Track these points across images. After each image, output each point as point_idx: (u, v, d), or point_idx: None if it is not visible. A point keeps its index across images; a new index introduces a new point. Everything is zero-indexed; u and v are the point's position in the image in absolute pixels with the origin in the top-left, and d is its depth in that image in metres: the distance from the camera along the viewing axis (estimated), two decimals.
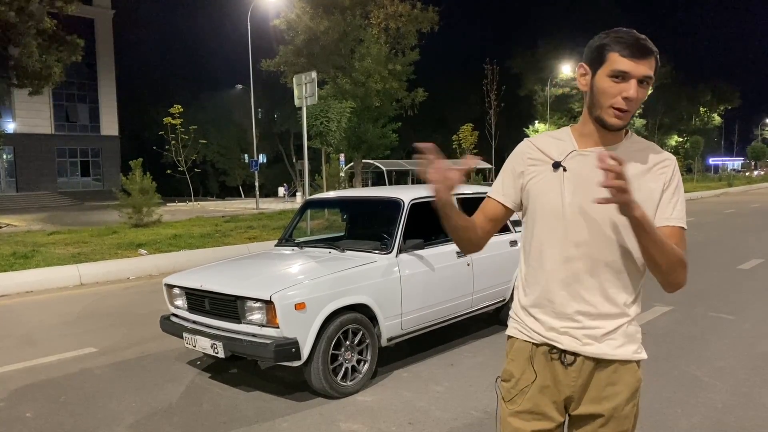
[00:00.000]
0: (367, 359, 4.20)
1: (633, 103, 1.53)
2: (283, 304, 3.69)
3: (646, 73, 1.51)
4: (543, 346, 1.68)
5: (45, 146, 42.53)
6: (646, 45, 1.52)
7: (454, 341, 5.28)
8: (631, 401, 1.67)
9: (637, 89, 1.51)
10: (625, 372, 1.65)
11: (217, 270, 4.58)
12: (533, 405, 1.68)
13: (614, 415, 1.63)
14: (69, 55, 26.24)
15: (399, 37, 24.44)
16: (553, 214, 1.63)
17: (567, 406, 1.69)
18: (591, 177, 1.52)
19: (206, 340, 4.03)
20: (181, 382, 4.47)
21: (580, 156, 1.63)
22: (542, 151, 1.69)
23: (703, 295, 6.97)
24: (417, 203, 4.78)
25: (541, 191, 1.66)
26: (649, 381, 4.20)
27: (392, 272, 4.37)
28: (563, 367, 1.64)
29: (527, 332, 1.72)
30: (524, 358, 1.72)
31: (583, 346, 1.62)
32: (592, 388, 1.64)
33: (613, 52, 1.52)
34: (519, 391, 1.72)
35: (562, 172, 1.63)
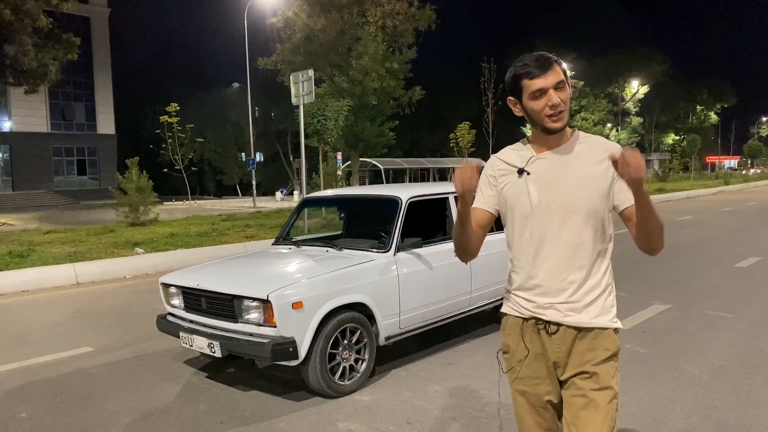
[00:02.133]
0: (365, 358, 4.18)
1: (560, 105, 1.82)
2: (280, 303, 3.67)
3: (555, 80, 1.81)
4: (531, 320, 1.96)
5: (41, 145, 42.39)
6: (545, 59, 1.83)
7: (453, 340, 5.26)
8: (610, 361, 1.92)
9: (556, 94, 1.81)
10: (603, 338, 1.92)
11: (214, 269, 4.55)
12: (531, 371, 1.98)
13: (596, 371, 1.88)
14: (65, 54, 26.14)
15: (396, 35, 24.36)
16: (524, 212, 1.93)
17: (556, 370, 1.96)
18: (550, 176, 1.89)
19: (203, 339, 4.00)
20: (178, 381, 4.45)
21: (539, 160, 1.93)
22: (507, 163, 1.99)
23: (701, 294, 6.96)
24: (415, 202, 4.75)
25: (512, 195, 1.96)
26: (647, 379, 4.19)
27: (390, 271, 4.35)
28: (548, 336, 1.93)
29: (517, 309, 2.00)
30: (517, 332, 2.00)
31: (565, 317, 1.91)
32: (575, 354, 1.91)
33: (524, 79, 1.84)
34: (517, 361, 2.00)
35: (526, 176, 1.93)
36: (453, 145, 32.18)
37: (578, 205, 1.87)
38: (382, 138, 23.51)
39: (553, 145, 1.92)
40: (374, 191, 5.12)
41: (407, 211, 4.65)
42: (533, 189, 1.91)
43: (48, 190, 41.93)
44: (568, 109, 1.86)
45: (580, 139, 1.94)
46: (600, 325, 1.91)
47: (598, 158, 1.88)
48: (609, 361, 1.92)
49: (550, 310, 1.92)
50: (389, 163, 41.20)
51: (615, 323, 1.95)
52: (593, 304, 1.91)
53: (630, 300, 6.66)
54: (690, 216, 17.77)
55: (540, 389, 1.98)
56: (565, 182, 1.89)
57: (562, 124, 1.85)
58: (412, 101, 24.16)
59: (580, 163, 1.88)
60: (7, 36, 23.91)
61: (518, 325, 2.00)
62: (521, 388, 2.01)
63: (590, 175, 1.87)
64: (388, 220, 4.59)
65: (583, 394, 1.90)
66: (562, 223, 1.89)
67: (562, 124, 1.85)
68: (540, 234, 1.92)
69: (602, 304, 1.93)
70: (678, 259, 9.66)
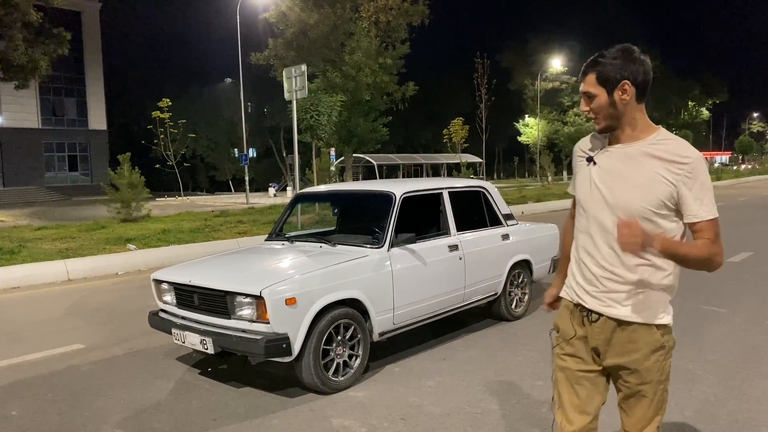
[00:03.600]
0: (358, 354, 4.16)
1: (591, 112, 1.94)
2: (273, 299, 3.64)
3: (584, 90, 1.93)
4: (578, 306, 2.06)
5: (32, 141, 42.04)
6: (587, 64, 1.93)
7: (447, 335, 5.25)
8: (652, 357, 1.96)
9: (585, 102, 1.95)
10: (644, 332, 1.95)
11: (207, 265, 4.51)
12: (574, 350, 2.08)
13: (637, 367, 1.95)
14: (55, 49, 25.90)
15: (389, 30, 24.31)
16: (584, 199, 2.04)
17: (597, 355, 2.04)
18: (611, 170, 1.95)
19: (195, 336, 3.97)
20: (170, 378, 4.41)
21: (608, 152, 1.98)
22: (583, 150, 2.09)
23: (695, 288, 6.97)
24: (409, 197, 4.73)
25: (579, 181, 2.08)
26: None
27: (384, 267, 4.32)
28: (590, 324, 2.01)
29: (569, 293, 2.12)
30: (567, 314, 2.12)
31: (606, 307, 1.97)
32: (615, 344, 1.97)
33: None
34: (564, 340, 2.12)
35: (592, 165, 2.01)
36: (446, 141, 32.23)
37: (629, 203, 1.90)
38: (375, 134, 23.47)
39: (623, 140, 1.95)
40: (368, 186, 5.10)
41: (401, 207, 4.63)
42: (594, 177, 2.00)
43: (39, 186, 41.62)
44: (608, 114, 1.91)
45: (659, 138, 1.91)
46: (640, 320, 1.95)
47: (666, 165, 1.86)
48: (654, 355, 1.96)
49: (592, 299, 2.01)
50: (383, 159, 41.22)
51: (659, 319, 1.97)
52: (634, 299, 1.93)
53: None
54: None
55: (577, 366, 2.07)
56: (623, 179, 1.92)
57: (599, 127, 1.96)
58: (406, 97, 24.13)
59: (644, 164, 1.88)
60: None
61: (568, 308, 2.12)
62: (562, 365, 2.11)
63: (650, 178, 1.87)
64: (382, 215, 4.57)
65: (630, 390, 2.01)
66: (612, 218, 1.92)
67: (599, 127, 1.96)
68: (593, 224, 2.01)
69: (645, 300, 1.94)
70: None
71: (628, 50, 1.88)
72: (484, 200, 5.55)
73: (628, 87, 1.86)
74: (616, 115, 1.90)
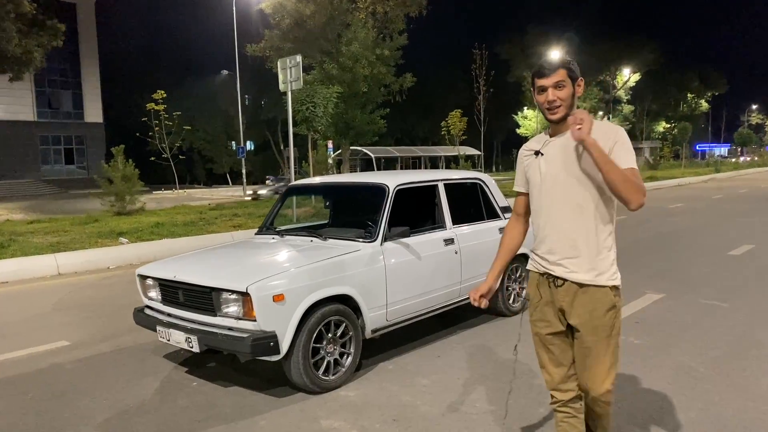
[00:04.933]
0: (350, 352, 4.02)
1: (555, 101, 2.25)
2: (260, 296, 3.49)
3: (556, 80, 2.24)
4: (544, 275, 2.41)
5: (27, 134, 41.81)
6: (552, 63, 2.27)
7: (442, 331, 5.12)
8: (607, 315, 2.31)
9: (553, 93, 2.25)
10: (601, 294, 2.30)
11: (193, 260, 4.36)
12: (542, 315, 2.44)
13: (594, 323, 2.30)
14: (50, 40, 25.66)
15: (387, 21, 24.02)
16: (537, 184, 2.40)
17: (563, 316, 2.38)
18: (558, 154, 2.33)
19: (180, 333, 3.82)
20: (157, 377, 4.27)
21: (551, 143, 2.38)
22: (528, 149, 2.48)
23: (695, 282, 6.85)
24: (403, 189, 4.58)
25: (530, 172, 2.45)
26: (642, 372, 4.05)
27: (377, 261, 4.18)
28: (556, 288, 2.36)
29: (536, 266, 2.46)
30: (534, 284, 2.47)
31: (569, 273, 2.33)
32: (577, 305, 2.32)
33: (535, 78, 2.30)
34: (533, 307, 2.48)
35: (540, 157, 2.39)
36: (444, 133, 32.02)
37: (579, 177, 2.27)
38: (372, 126, 23.25)
39: (560, 130, 2.34)
40: (361, 178, 4.94)
41: (395, 199, 4.48)
42: (543, 165, 2.36)
43: (35, 179, 41.39)
44: (568, 104, 2.26)
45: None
46: (599, 283, 2.30)
47: (597, 138, 2.18)
48: (607, 314, 2.31)
49: (557, 267, 2.35)
50: (380, 152, 41.00)
51: (613, 281, 2.32)
52: (592, 264, 2.28)
53: (623, 289, 6.52)
54: (682, 203, 17.71)
55: (549, 329, 2.43)
56: (567, 158, 2.30)
57: (558, 116, 2.28)
58: (403, 88, 23.89)
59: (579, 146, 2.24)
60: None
61: (536, 279, 2.47)
62: (536, 330, 2.49)
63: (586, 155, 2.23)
64: (375, 208, 4.42)
65: (587, 345, 2.34)
66: (565, 193, 2.30)
67: (558, 116, 2.28)
68: (548, 202, 2.36)
69: (602, 264, 2.29)
70: (671, 247, 9.56)
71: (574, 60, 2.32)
72: (480, 193, 5.40)
73: (581, 84, 2.29)
74: (571, 105, 2.27)
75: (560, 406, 2.51)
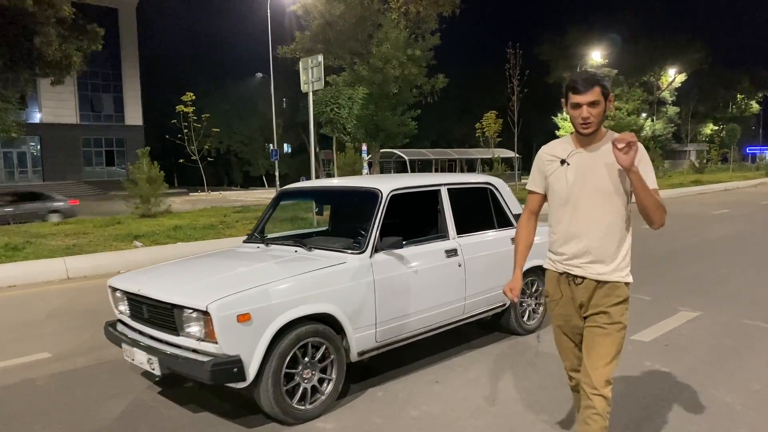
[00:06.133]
0: (331, 378, 3.58)
1: (589, 118, 2.38)
2: (221, 316, 3.09)
3: (591, 99, 2.36)
4: (564, 274, 2.59)
5: (71, 136, 42.77)
6: (589, 80, 2.38)
7: (445, 352, 4.63)
8: (620, 305, 2.50)
9: (588, 110, 2.37)
10: (617, 289, 2.49)
11: (162, 271, 3.99)
12: (564, 310, 2.62)
13: (608, 311, 2.48)
14: (89, 44, 25.99)
15: (419, 21, 23.53)
16: (561, 194, 2.54)
17: (581, 309, 2.56)
18: (584, 165, 2.48)
19: (143, 353, 3.46)
20: (126, 397, 3.92)
21: (577, 154, 2.51)
22: (552, 155, 2.59)
23: (737, 299, 6.18)
24: (398, 195, 4.13)
25: (554, 179, 2.57)
26: (667, 408, 3.48)
27: (364, 275, 3.73)
28: (576, 286, 2.54)
29: (554, 266, 2.63)
30: (554, 282, 2.64)
31: (588, 273, 2.50)
32: (595, 298, 2.51)
33: (569, 93, 2.41)
34: (555, 303, 2.66)
35: (566, 166, 2.52)
36: (479, 135, 31.29)
37: (604, 188, 2.45)
38: (403, 128, 22.77)
39: (588, 143, 2.50)
40: (353, 182, 4.50)
41: (390, 206, 4.03)
42: (570, 175, 2.51)
43: (77, 180, 42.33)
44: (599, 120, 2.41)
45: (611, 137, 2.41)
46: (614, 279, 2.50)
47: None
48: (620, 305, 2.51)
49: (577, 268, 2.54)
50: (415, 154, 40.42)
51: (626, 278, 2.52)
52: (610, 265, 2.49)
53: (654, 305, 5.93)
54: (727, 209, 16.69)
55: (571, 322, 2.64)
56: (595, 171, 2.46)
57: (590, 131, 2.42)
58: (435, 89, 23.35)
59: (608, 157, 2.40)
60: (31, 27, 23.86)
61: (555, 277, 2.65)
62: (557, 323, 2.69)
63: (615, 165, 2.39)
64: (366, 216, 3.98)
65: (599, 325, 2.50)
66: (589, 202, 2.49)
67: (590, 131, 2.42)
68: (571, 209, 2.53)
69: (617, 264, 2.50)
70: (712, 257, 8.82)
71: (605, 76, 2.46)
72: (491, 198, 4.89)
73: (612, 99, 2.44)
74: (602, 121, 2.44)
75: (578, 385, 2.68)
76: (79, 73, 27.43)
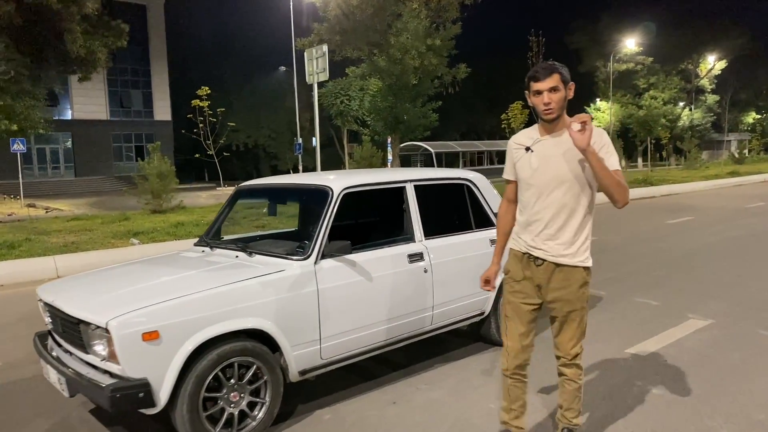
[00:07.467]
0: (264, 401, 3.17)
1: (551, 104, 2.54)
2: (122, 334, 2.71)
3: (551, 85, 2.53)
4: (526, 254, 2.75)
5: (101, 132, 43.40)
6: (548, 68, 2.55)
7: (413, 366, 4.18)
8: (579, 290, 2.68)
9: (548, 96, 2.54)
10: (576, 272, 2.67)
11: (86, 280, 3.63)
12: (521, 288, 2.78)
13: (569, 297, 2.68)
14: (114, 41, 26.19)
15: (440, 10, 22.91)
16: (526, 180, 2.72)
17: (540, 290, 2.74)
18: (546, 153, 2.65)
19: (54, 372, 3.12)
20: (55, 415, 3.59)
21: (541, 141, 2.68)
22: (519, 143, 2.78)
23: (755, 305, 5.56)
24: (353, 193, 3.69)
25: (521, 167, 2.75)
26: None
27: (306, 284, 3.31)
28: (536, 267, 2.71)
29: (519, 246, 2.79)
30: (517, 261, 2.80)
31: (549, 255, 2.68)
32: (554, 281, 2.69)
33: (531, 82, 2.59)
34: (514, 281, 2.81)
35: (530, 153, 2.70)
36: (505, 127, 30.53)
37: (563, 175, 2.59)
38: (424, 120, 22.23)
39: (552, 130, 2.63)
40: (304, 179, 4.06)
41: (344, 206, 3.61)
42: (534, 162, 2.65)
43: (108, 175, 42.97)
44: (561, 106, 2.55)
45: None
46: (572, 263, 2.64)
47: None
48: (579, 289, 2.67)
49: (538, 250, 2.68)
50: (441, 147, 39.73)
51: (584, 263, 2.66)
52: (569, 248, 2.63)
53: (661, 311, 5.37)
54: (763, 202, 15.73)
55: (523, 300, 2.76)
56: (556, 157, 2.59)
57: (552, 116, 2.55)
58: (457, 80, 22.72)
59: (569, 143, 2.54)
60: (57, 23, 24.08)
61: (518, 257, 2.77)
62: (512, 299, 2.79)
63: (575, 152, 2.52)
64: (314, 217, 3.56)
65: (563, 314, 2.70)
66: (551, 188, 2.61)
67: (552, 116, 2.55)
68: (535, 195, 2.66)
69: (576, 249, 2.64)
70: (738, 256, 8.12)
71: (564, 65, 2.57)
72: (468, 196, 4.42)
73: (572, 87, 2.58)
74: (563, 107, 2.56)
75: (512, 373, 2.82)
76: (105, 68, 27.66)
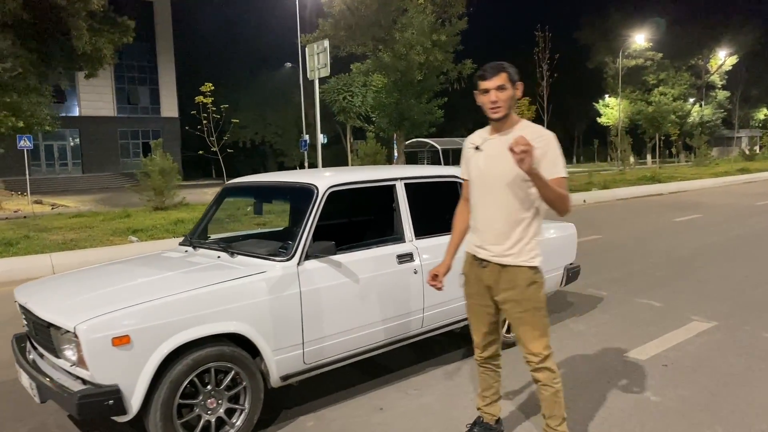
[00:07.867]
0: (243, 407, 3.06)
1: (498, 102, 2.55)
2: (91, 339, 2.60)
3: (498, 84, 2.54)
4: (473, 256, 2.78)
5: (108, 128, 43.51)
6: (495, 67, 2.56)
7: (403, 370, 4.05)
8: (528, 289, 2.62)
9: (495, 94, 2.54)
10: (521, 272, 2.63)
11: (62, 281, 3.53)
12: (472, 289, 2.83)
13: (517, 298, 2.64)
14: (120, 37, 26.18)
15: (446, 5, 22.69)
16: (473, 178, 2.75)
17: (490, 291, 2.73)
18: (493, 153, 2.64)
19: (26, 377, 3.01)
20: (31, 421, 3.49)
21: (489, 140, 2.69)
22: (471, 143, 2.79)
23: (762, 307, 5.39)
24: (339, 192, 3.56)
25: (470, 165, 2.77)
26: None
27: (288, 287, 3.19)
28: (482, 268, 2.72)
29: (469, 247, 2.82)
30: (468, 263, 2.84)
31: (493, 256, 2.67)
32: (502, 282, 2.67)
33: (479, 81, 2.60)
34: (467, 282, 2.85)
35: (479, 152, 2.72)
36: None
37: (506, 175, 2.57)
38: (429, 116, 22.05)
39: (500, 129, 2.65)
40: (289, 177, 3.94)
41: (326, 205, 3.48)
42: (481, 162, 2.69)
43: (115, 172, 43.07)
44: (508, 105, 2.56)
45: (522, 126, 2.62)
46: (516, 263, 2.63)
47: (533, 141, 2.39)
48: (528, 288, 2.63)
49: (482, 251, 2.71)
50: (448, 144, 39.48)
51: (530, 262, 2.63)
52: (513, 249, 2.62)
53: (664, 313, 5.22)
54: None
55: (478, 301, 2.81)
56: (501, 157, 2.54)
57: (499, 114, 2.58)
58: (462, 76, 22.51)
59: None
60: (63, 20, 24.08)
61: (469, 259, 2.82)
62: (469, 302, 2.87)
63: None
64: (299, 216, 3.44)
65: (515, 315, 2.67)
66: (495, 188, 2.63)
67: (499, 114, 2.58)
68: (481, 195, 2.70)
69: (520, 249, 2.62)
70: (742, 256, 7.93)
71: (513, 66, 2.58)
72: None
73: (519, 87, 2.59)
74: (511, 105, 2.58)
75: (482, 362, 2.93)
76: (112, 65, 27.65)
